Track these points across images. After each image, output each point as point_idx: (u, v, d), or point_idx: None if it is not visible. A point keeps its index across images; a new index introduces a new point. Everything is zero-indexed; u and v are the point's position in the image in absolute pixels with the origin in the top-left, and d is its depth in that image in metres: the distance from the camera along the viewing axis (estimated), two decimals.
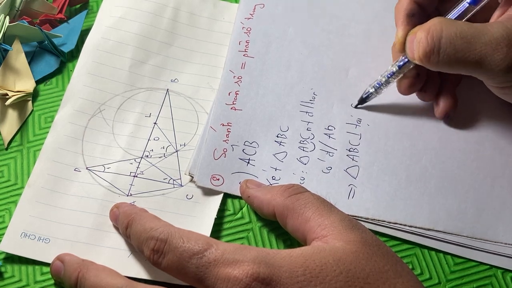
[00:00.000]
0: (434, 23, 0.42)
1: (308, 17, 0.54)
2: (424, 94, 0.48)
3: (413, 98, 0.49)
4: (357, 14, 0.54)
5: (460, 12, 0.44)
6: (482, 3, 0.43)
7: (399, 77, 0.47)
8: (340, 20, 0.54)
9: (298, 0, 0.55)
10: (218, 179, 0.46)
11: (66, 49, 0.51)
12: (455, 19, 0.43)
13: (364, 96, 0.49)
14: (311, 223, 0.38)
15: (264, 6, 0.54)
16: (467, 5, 0.43)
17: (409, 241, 0.44)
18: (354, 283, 0.34)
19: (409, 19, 0.45)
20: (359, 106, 0.49)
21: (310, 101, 0.50)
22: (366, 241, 0.36)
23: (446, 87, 0.48)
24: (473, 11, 0.43)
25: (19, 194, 0.45)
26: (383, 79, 0.48)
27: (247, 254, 0.35)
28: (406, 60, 0.46)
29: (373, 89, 0.48)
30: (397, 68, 0.47)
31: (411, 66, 0.46)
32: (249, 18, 0.54)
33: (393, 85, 0.49)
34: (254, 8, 0.54)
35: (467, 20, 0.43)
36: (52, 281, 0.42)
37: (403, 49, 0.45)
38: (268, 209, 0.41)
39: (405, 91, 0.48)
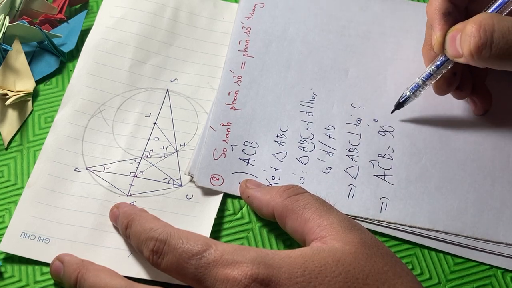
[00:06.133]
0: (484, 17, 0.40)
1: (308, 17, 0.54)
2: (460, 93, 0.48)
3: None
4: (356, 15, 0.54)
5: (500, 6, 0.42)
6: None
7: (437, 78, 0.46)
8: (340, 21, 0.54)
9: (298, 0, 0.55)
10: (218, 179, 0.46)
11: (66, 49, 0.51)
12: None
13: (401, 100, 0.47)
14: (310, 224, 0.38)
15: (264, 5, 0.54)
16: None
17: (409, 241, 0.44)
18: (353, 284, 0.34)
19: (446, 18, 0.44)
20: (396, 110, 0.48)
21: (310, 101, 0.50)
22: (365, 242, 0.37)
23: (478, 84, 0.48)
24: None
25: (19, 194, 0.45)
26: (420, 81, 0.46)
27: (246, 255, 0.35)
28: (444, 59, 0.45)
29: (411, 92, 0.47)
30: (434, 68, 0.45)
31: (450, 66, 0.45)
32: (249, 18, 0.54)
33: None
34: (254, 8, 0.54)
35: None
36: (52, 281, 0.42)
37: (442, 49, 0.44)
38: (268, 209, 0.41)
39: (442, 91, 0.47)
